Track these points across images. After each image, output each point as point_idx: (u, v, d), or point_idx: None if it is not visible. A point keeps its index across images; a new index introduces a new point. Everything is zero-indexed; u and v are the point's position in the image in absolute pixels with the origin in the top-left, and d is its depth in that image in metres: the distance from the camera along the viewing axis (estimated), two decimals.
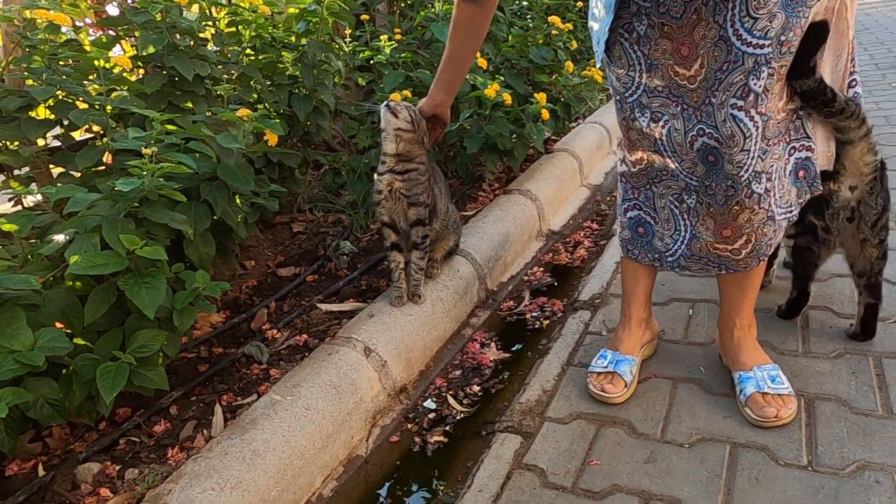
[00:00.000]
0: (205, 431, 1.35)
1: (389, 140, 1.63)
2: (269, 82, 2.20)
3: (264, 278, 2.17)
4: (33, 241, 1.74)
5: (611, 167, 3.33)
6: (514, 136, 2.49)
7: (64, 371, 1.32)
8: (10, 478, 1.30)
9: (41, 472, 1.29)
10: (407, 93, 2.38)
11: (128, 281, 1.26)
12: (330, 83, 2.28)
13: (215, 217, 1.62)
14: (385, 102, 1.62)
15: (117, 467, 1.29)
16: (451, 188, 2.67)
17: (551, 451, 1.32)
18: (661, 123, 1.30)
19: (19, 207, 1.93)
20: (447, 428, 1.48)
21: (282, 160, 2.11)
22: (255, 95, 2.14)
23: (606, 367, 1.47)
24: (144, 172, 1.29)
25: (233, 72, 2.11)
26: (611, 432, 1.34)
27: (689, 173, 1.31)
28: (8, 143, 1.75)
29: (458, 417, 1.51)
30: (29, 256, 1.48)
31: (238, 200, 1.76)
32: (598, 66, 1.41)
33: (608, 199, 2.90)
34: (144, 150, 1.28)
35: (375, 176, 1.70)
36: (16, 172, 1.89)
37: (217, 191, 1.58)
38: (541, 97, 2.45)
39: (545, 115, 2.42)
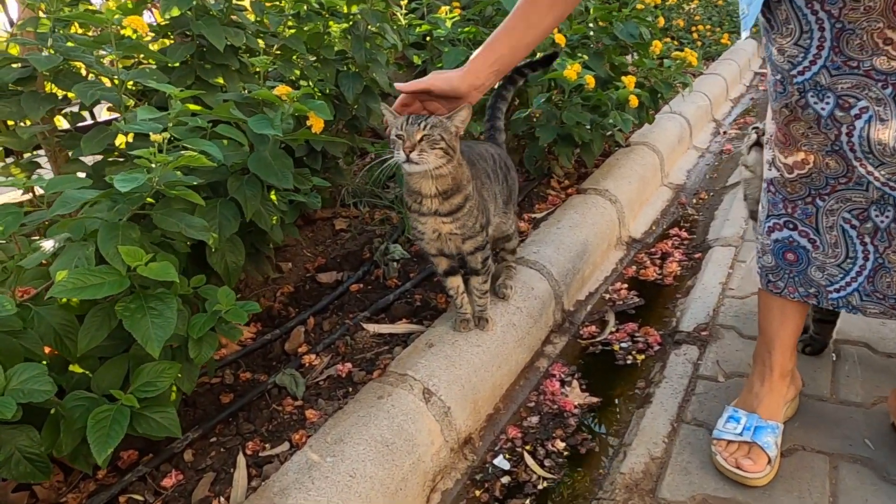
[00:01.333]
0: (222, 499, 1.06)
1: (424, 179, 1.19)
2: (313, 57, 1.90)
3: (302, 284, 1.88)
4: (36, 238, 1.48)
5: (693, 164, 2.93)
6: (590, 126, 2.13)
7: (52, 411, 1.05)
8: None
9: None
10: None
11: (128, 306, 0.97)
12: (383, 60, 1.96)
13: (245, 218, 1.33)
14: (403, 157, 1.11)
15: None
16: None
17: None
18: (853, 112, 0.94)
19: (29, 196, 1.69)
20: (527, 502, 1.16)
21: (326, 148, 1.80)
22: (298, 72, 1.84)
23: (741, 434, 1.12)
24: (154, 165, 0.99)
25: (272, 44, 1.81)
26: None
27: (892, 181, 0.95)
28: (11, 122, 1.50)
29: (540, 486, 1.19)
30: (29, 254, 1.21)
31: (274, 197, 1.46)
32: (744, 35, 1.05)
33: (694, 201, 2.51)
34: (154, 137, 0.99)
35: (410, 213, 1.28)
36: (26, 155, 1.64)
37: (248, 187, 1.28)
38: (628, 81, 2.08)
39: (633, 101, 2.05)
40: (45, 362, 1.05)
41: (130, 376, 1.10)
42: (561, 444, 1.28)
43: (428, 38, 2.45)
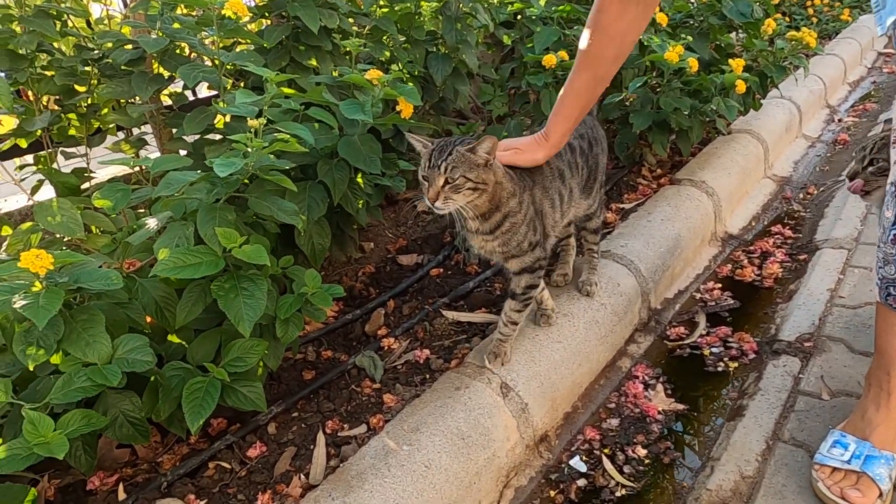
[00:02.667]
0: (302, 476, 1.10)
1: (463, 211, 1.12)
2: (403, 38, 1.89)
3: (383, 265, 1.90)
4: (142, 211, 1.58)
5: (801, 155, 2.69)
6: (689, 112, 1.99)
7: (152, 379, 1.12)
8: (90, 493, 1.13)
9: (121, 494, 1.11)
10: (563, 54, 1.96)
11: (223, 285, 1.01)
12: (473, 40, 1.92)
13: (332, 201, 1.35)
14: (429, 204, 1.05)
15: (202, 502, 1.07)
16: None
17: None
18: None
19: (137, 169, 1.80)
20: None
21: (413, 131, 1.80)
22: (388, 53, 1.83)
23: (849, 462, 1.02)
24: (250, 149, 1.02)
25: (363, 25, 1.81)
26: None
27: None
28: (123, 100, 1.59)
29: (618, 493, 1.14)
30: (136, 229, 1.29)
31: (360, 180, 1.47)
32: (881, 31, 0.92)
33: (801, 196, 2.31)
34: (251, 122, 1.01)
35: (459, 228, 1.24)
36: (135, 132, 1.75)
37: (336, 171, 1.29)
38: (736, 64, 1.92)
39: (740, 87, 1.90)
40: (147, 331, 1.12)
41: (222, 350, 1.15)
42: (642, 451, 1.23)
43: (519, 17, 2.38)
